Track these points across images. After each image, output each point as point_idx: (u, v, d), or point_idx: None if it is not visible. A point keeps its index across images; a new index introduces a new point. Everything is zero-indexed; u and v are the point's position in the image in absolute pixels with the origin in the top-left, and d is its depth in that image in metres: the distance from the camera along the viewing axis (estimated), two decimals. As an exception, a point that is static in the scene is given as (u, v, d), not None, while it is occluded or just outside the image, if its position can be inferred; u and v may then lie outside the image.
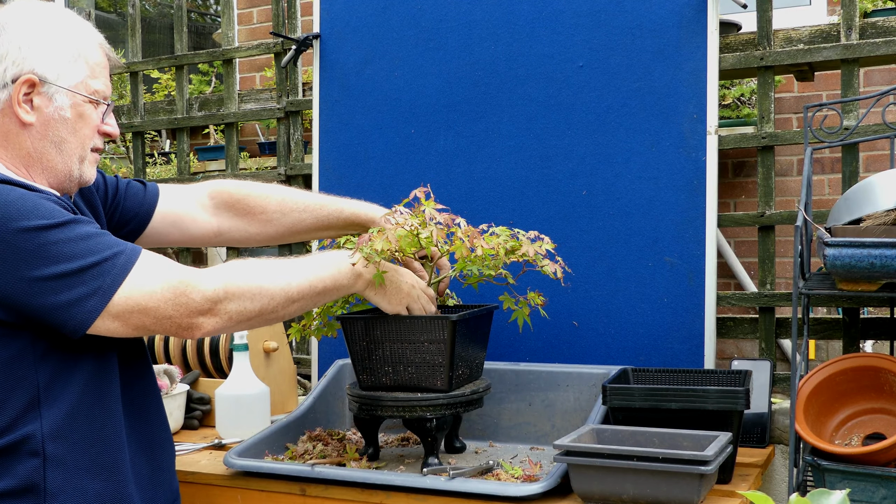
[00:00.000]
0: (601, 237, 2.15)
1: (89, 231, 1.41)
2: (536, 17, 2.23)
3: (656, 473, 1.51)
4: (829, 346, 3.73)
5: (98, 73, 1.56)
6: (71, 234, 1.38)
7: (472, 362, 1.83)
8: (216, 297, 1.44)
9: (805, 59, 2.20)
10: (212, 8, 6.46)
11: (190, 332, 1.44)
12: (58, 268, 1.36)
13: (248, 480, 1.82)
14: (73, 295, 1.37)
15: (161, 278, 1.42)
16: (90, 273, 1.37)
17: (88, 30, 1.58)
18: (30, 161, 1.52)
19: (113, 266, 1.39)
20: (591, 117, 2.17)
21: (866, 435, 1.82)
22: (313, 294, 1.57)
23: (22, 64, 1.48)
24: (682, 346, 2.06)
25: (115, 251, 1.40)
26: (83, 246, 1.38)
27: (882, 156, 3.81)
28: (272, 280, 1.51)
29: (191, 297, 1.42)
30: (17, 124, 1.50)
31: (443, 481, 1.66)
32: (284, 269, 1.55)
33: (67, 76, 1.51)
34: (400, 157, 2.37)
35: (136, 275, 1.40)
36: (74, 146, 1.54)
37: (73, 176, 1.55)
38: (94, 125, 1.56)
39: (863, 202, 1.75)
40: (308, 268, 1.58)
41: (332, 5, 2.47)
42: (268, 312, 1.51)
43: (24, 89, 1.49)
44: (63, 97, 1.51)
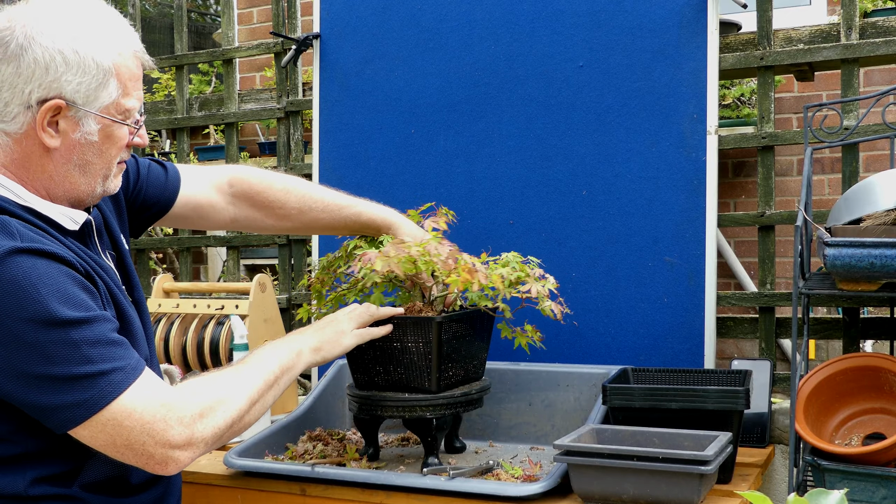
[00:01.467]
0: (601, 237, 2.15)
1: (98, 335, 1.32)
2: (536, 17, 2.23)
3: (656, 473, 1.51)
4: (829, 346, 3.73)
5: (131, 90, 1.45)
6: (78, 336, 1.30)
7: (468, 363, 1.83)
8: (193, 425, 1.36)
9: (805, 59, 2.20)
10: (212, 8, 6.46)
11: (164, 465, 1.35)
12: (52, 369, 1.28)
13: (248, 480, 1.82)
14: (57, 400, 1.29)
15: (149, 404, 1.33)
16: (83, 383, 1.29)
17: (123, 37, 1.44)
18: (51, 184, 1.43)
19: (108, 382, 1.31)
20: (591, 117, 2.17)
21: (866, 435, 1.82)
22: (267, 389, 1.51)
23: (49, 87, 1.36)
24: (682, 345, 2.06)
25: (115, 366, 1.32)
26: (86, 353, 1.30)
27: (882, 156, 3.81)
28: (236, 389, 1.46)
29: (169, 429, 1.34)
30: (40, 147, 1.40)
31: (443, 481, 1.66)
32: (237, 375, 1.49)
33: (98, 98, 1.40)
34: (400, 157, 2.36)
35: (127, 397, 1.32)
36: (99, 167, 1.45)
37: (95, 193, 1.48)
38: (122, 144, 1.46)
39: (863, 202, 1.75)
40: (254, 367, 1.52)
41: (332, 5, 2.47)
42: (237, 422, 1.44)
43: (50, 113, 1.38)
44: (91, 121, 1.41)
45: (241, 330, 2.19)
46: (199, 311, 2.44)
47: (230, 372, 1.49)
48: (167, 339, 2.42)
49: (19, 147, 1.41)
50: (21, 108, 1.38)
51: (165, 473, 1.36)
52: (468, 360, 1.83)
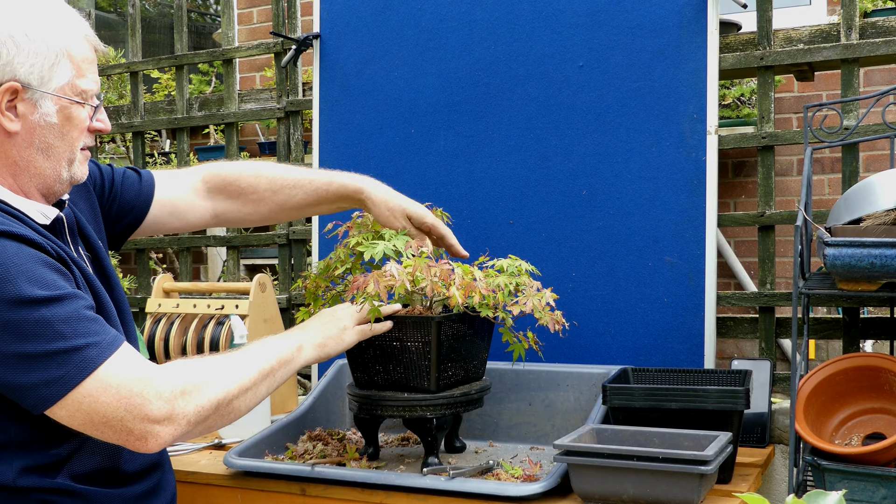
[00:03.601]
0: (601, 237, 2.15)
1: (70, 312, 1.32)
2: (536, 17, 2.23)
3: (656, 473, 1.51)
4: (829, 345, 3.73)
5: (85, 71, 1.48)
6: (49, 313, 1.29)
7: (468, 363, 1.83)
8: (174, 401, 1.35)
9: (805, 58, 2.20)
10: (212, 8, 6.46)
11: (144, 441, 1.33)
12: (24, 347, 1.28)
13: (248, 480, 1.82)
14: (32, 378, 1.29)
15: (126, 378, 1.32)
16: (56, 360, 1.29)
17: (73, 21, 1.49)
18: (16, 170, 1.46)
19: (82, 358, 1.30)
20: (591, 117, 2.17)
21: (866, 435, 1.82)
22: (262, 377, 1.50)
23: (3, 71, 1.40)
24: (682, 345, 2.06)
25: (90, 341, 1.31)
26: (59, 329, 1.29)
27: (882, 156, 3.81)
28: (225, 372, 1.45)
29: (147, 403, 1.32)
30: (2, 133, 1.43)
31: (443, 481, 1.66)
32: (230, 360, 1.49)
33: (52, 80, 1.44)
34: (400, 157, 2.37)
35: (103, 372, 1.31)
36: (63, 150, 1.48)
37: (62, 178, 1.49)
38: (83, 126, 1.49)
39: (863, 202, 1.75)
40: (250, 354, 1.52)
41: (332, 5, 2.47)
42: (224, 405, 1.42)
43: (7, 97, 1.41)
44: (48, 102, 1.44)
45: (241, 330, 2.19)
46: (199, 311, 2.44)
47: (224, 357, 1.49)
48: (167, 339, 2.42)
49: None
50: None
51: (146, 450, 1.34)
52: (468, 361, 1.83)
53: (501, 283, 1.76)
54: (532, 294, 1.74)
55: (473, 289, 1.68)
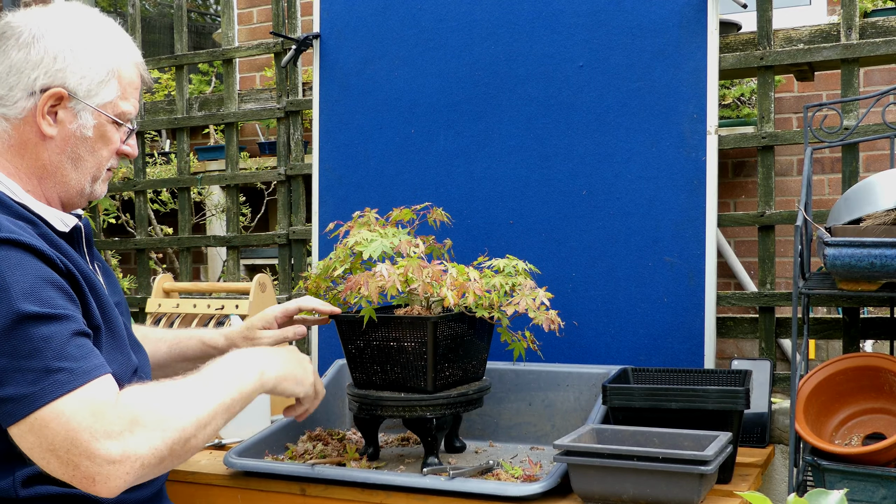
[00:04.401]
0: (601, 237, 2.15)
1: (55, 333, 1.29)
2: (536, 17, 2.23)
3: (656, 473, 1.51)
4: (829, 345, 3.74)
5: (129, 95, 1.53)
6: (34, 331, 1.27)
7: (466, 364, 1.82)
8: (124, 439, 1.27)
9: (805, 58, 2.20)
10: (212, 8, 6.46)
11: (91, 482, 1.26)
12: (9, 361, 1.26)
13: (248, 480, 1.82)
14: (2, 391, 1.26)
15: (79, 410, 1.26)
16: (27, 377, 1.26)
17: (128, 48, 1.54)
18: (44, 173, 1.48)
19: (52, 381, 1.26)
20: (591, 117, 2.17)
21: (866, 435, 1.82)
22: (223, 411, 1.42)
23: (54, 76, 1.44)
24: (682, 345, 2.06)
25: (64, 365, 1.27)
26: (37, 346, 1.27)
27: (882, 156, 3.81)
28: (183, 407, 1.36)
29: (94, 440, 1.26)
30: (38, 135, 1.46)
31: (443, 481, 1.66)
32: (190, 393, 1.40)
33: (98, 95, 1.48)
34: (400, 157, 2.37)
35: (64, 400, 1.26)
36: (90, 165, 1.51)
37: (84, 192, 1.52)
38: (114, 147, 1.52)
39: (863, 202, 1.75)
40: (210, 384, 1.43)
41: (332, 5, 2.47)
42: (180, 445, 1.34)
43: (51, 102, 1.45)
44: (88, 115, 1.47)
45: (241, 330, 2.18)
46: (199, 310, 2.44)
47: (184, 386, 1.40)
48: (167, 339, 2.41)
49: (17, 133, 1.47)
50: (24, 93, 1.44)
51: (97, 493, 1.27)
52: (466, 361, 1.83)
53: (497, 283, 1.76)
54: (525, 294, 1.74)
55: (467, 289, 1.68)
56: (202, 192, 4.19)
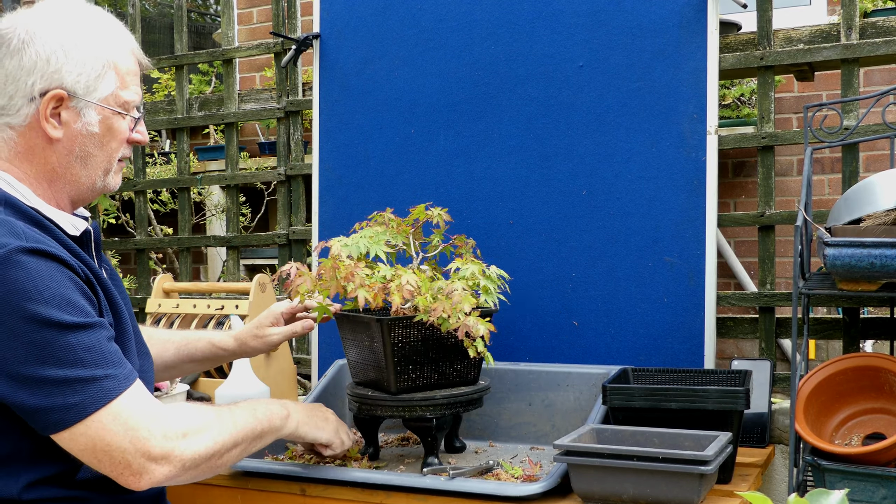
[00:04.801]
0: (601, 237, 2.15)
1: (93, 341, 1.33)
2: (536, 17, 2.23)
3: (656, 473, 1.51)
4: (829, 346, 3.74)
5: (129, 83, 1.52)
6: (74, 340, 1.31)
7: (441, 367, 1.79)
8: (175, 441, 1.36)
9: (805, 59, 2.20)
10: (212, 8, 6.46)
11: (138, 477, 1.33)
12: (46, 371, 1.29)
13: (248, 480, 1.82)
14: (47, 402, 1.30)
15: (137, 412, 1.34)
16: (74, 387, 1.30)
17: (120, 35, 1.52)
18: (54, 176, 1.48)
19: (99, 388, 1.31)
20: (591, 117, 2.17)
21: (866, 435, 1.82)
22: (253, 437, 1.52)
23: (50, 78, 1.43)
24: (682, 345, 2.06)
25: (107, 373, 1.33)
26: (81, 356, 1.31)
27: (882, 156, 3.81)
28: (224, 424, 1.46)
29: (151, 439, 1.34)
30: (44, 139, 1.45)
31: (443, 481, 1.66)
32: (228, 413, 1.50)
33: (97, 90, 1.47)
34: (400, 157, 2.36)
35: (116, 403, 1.32)
36: (101, 160, 1.50)
37: (95, 187, 1.52)
38: (122, 137, 1.52)
39: (863, 202, 1.75)
40: (245, 411, 1.53)
41: (332, 5, 2.47)
42: (217, 456, 1.44)
43: (52, 104, 1.44)
44: (92, 112, 1.47)
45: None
46: (199, 311, 2.44)
47: (222, 408, 1.51)
48: (167, 339, 2.41)
49: (23, 140, 1.46)
50: (24, 100, 1.44)
51: (137, 487, 1.34)
52: (440, 364, 1.78)
53: (438, 286, 1.71)
54: (472, 315, 1.67)
55: (388, 290, 1.67)
56: (202, 192, 4.19)
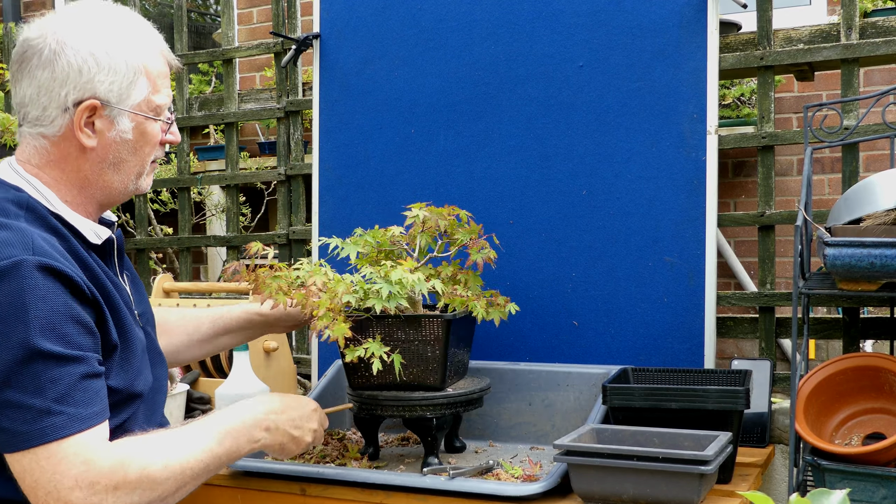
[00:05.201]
0: (601, 237, 2.15)
1: (65, 374, 1.30)
2: (536, 17, 2.23)
3: (656, 473, 1.51)
4: (829, 345, 3.73)
5: (160, 86, 1.51)
6: (43, 369, 1.28)
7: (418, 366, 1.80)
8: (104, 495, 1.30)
9: (805, 58, 2.20)
10: (212, 8, 6.46)
11: None
12: (6, 392, 1.28)
13: (248, 480, 1.82)
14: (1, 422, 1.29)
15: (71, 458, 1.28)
16: (24, 415, 1.28)
17: (149, 37, 1.52)
18: (86, 183, 1.48)
19: (49, 424, 1.28)
20: (591, 117, 2.17)
21: (866, 435, 1.82)
22: (204, 474, 1.42)
23: (83, 88, 1.43)
24: (682, 345, 2.06)
25: (63, 409, 1.29)
26: (43, 386, 1.28)
27: (882, 156, 3.81)
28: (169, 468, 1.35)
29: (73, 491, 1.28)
30: (77, 148, 1.45)
31: (443, 481, 1.66)
32: (182, 452, 1.39)
33: (130, 96, 1.46)
34: (400, 157, 2.36)
35: (56, 447, 1.28)
36: (133, 165, 1.51)
37: (127, 191, 1.53)
38: (155, 141, 1.52)
39: (863, 202, 1.75)
40: (205, 450, 1.41)
41: (332, 5, 2.47)
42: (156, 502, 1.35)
43: (86, 114, 1.44)
44: (125, 119, 1.46)
45: (241, 330, 2.18)
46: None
47: (182, 443, 1.40)
48: (167, 339, 2.41)
49: (57, 149, 1.46)
50: (58, 111, 1.43)
51: None
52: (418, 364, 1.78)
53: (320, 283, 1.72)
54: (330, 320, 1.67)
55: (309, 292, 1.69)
56: (202, 192, 4.19)
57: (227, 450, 1.45)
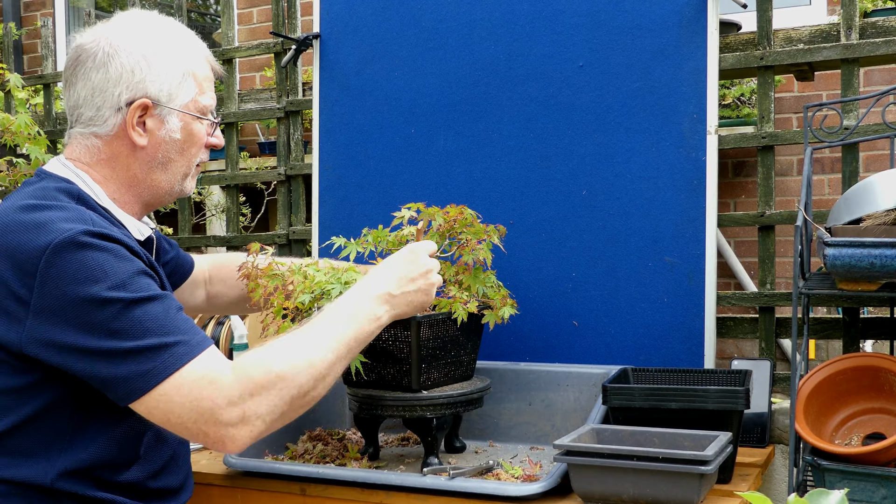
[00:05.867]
0: (601, 237, 2.15)
1: (161, 311, 1.36)
2: (536, 17, 2.23)
3: (656, 473, 1.51)
4: (829, 345, 3.73)
5: (206, 89, 1.58)
6: (140, 312, 1.34)
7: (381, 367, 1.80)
8: (243, 404, 1.34)
9: (805, 58, 2.20)
10: (212, 8, 6.46)
11: (222, 444, 1.35)
12: (119, 343, 1.32)
13: (248, 480, 1.82)
14: (122, 371, 1.32)
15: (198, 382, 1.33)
16: (146, 354, 1.32)
17: (195, 44, 1.59)
18: (134, 182, 1.54)
19: (171, 354, 1.33)
20: (591, 117, 2.17)
21: (866, 435, 1.82)
22: (338, 360, 1.45)
23: (136, 88, 1.49)
24: (682, 345, 2.06)
25: (180, 339, 1.35)
26: (148, 327, 1.34)
27: (882, 156, 3.81)
28: (299, 364, 1.39)
29: (217, 409, 1.33)
30: (129, 146, 1.52)
31: (443, 481, 1.66)
32: (306, 346, 1.42)
33: (178, 96, 1.53)
34: (400, 157, 2.36)
35: (182, 373, 1.33)
36: (181, 165, 1.57)
37: (173, 191, 1.58)
38: (202, 142, 1.59)
39: (863, 202, 1.75)
40: (328, 336, 1.45)
41: (332, 5, 2.47)
42: (299, 398, 1.40)
43: (138, 113, 1.50)
44: (174, 118, 1.53)
45: (241, 330, 2.19)
46: (199, 311, 2.43)
47: (299, 342, 1.43)
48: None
49: (108, 148, 1.52)
50: (112, 110, 1.50)
51: (227, 451, 1.38)
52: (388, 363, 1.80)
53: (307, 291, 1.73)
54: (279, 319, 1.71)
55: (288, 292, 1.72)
56: (202, 192, 4.19)
57: (355, 333, 1.48)
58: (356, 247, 1.87)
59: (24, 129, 2.94)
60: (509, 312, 1.87)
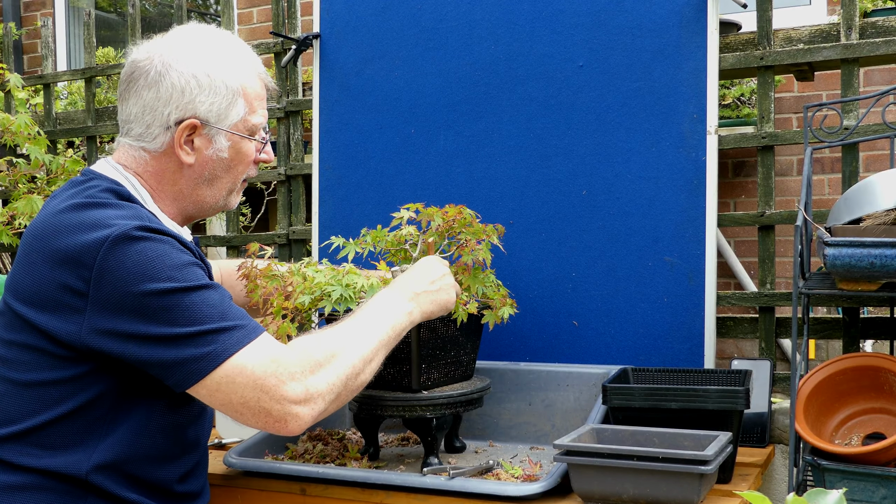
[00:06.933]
0: (601, 237, 2.15)
1: (217, 298, 1.40)
2: (536, 17, 2.23)
3: (656, 473, 1.51)
4: (829, 345, 3.74)
5: (256, 108, 1.59)
6: (198, 298, 1.38)
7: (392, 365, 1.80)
8: (305, 379, 1.39)
9: (805, 58, 2.20)
10: (212, 8, 6.46)
11: (284, 423, 1.38)
12: (177, 330, 1.36)
13: (248, 480, 1.82)
14: (181, 355, 1.36)
15: (259, 361, 1.37)
16: (205, 338, 1.36)
17: (248, 60, 1.59)
18: (179, 196, 1.57)
19: (229, 337, 1.37)
20: (591, 117, 2.17)
21: (866, 435, 1.82)
22: (380, 348, 1.52)
23: (185, 108, 1.51)
24: (682, 345, 2.06)
25: (236, 323, 1.39)
26: (207, 312, 1.38)
27: (882, 156, 3.81)
28: (349, 347, 1.46)
29: (282, 384, 1.37)
30: (176, 164, 1.54)
31: (443, 481, 1.66)
32: (351, 333, 1.49)
33: (228, 117, 1.55)
34: (400, 157, 2.37)
35: (242, 355, 1.37)
36: (227, 181, 1.60)
37: (217, 205, 1.61)
38: (249, 160, 1.61)
39: (863, 202, 1.75)
40: (369, 326, 1.52)
41: (332, 5, 2.47)
42: (352, 379, 1.45)
43: (186, 133, 1.53)
44: (222, 138, 1.55)
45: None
46: (199, 310, 2.43)
47: (344, 329, 1.49)
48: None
49: (156, 163, 1.55)
50: (161, 128, 1.53)
51: (288, 432, 1.39)
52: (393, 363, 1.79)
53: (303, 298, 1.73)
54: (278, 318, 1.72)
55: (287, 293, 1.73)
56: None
57: (392, 324, 1.54)
58: (355, 247, 1.88)
59: (24, 129, 2.94)
60: (509, 312, 1.87)
